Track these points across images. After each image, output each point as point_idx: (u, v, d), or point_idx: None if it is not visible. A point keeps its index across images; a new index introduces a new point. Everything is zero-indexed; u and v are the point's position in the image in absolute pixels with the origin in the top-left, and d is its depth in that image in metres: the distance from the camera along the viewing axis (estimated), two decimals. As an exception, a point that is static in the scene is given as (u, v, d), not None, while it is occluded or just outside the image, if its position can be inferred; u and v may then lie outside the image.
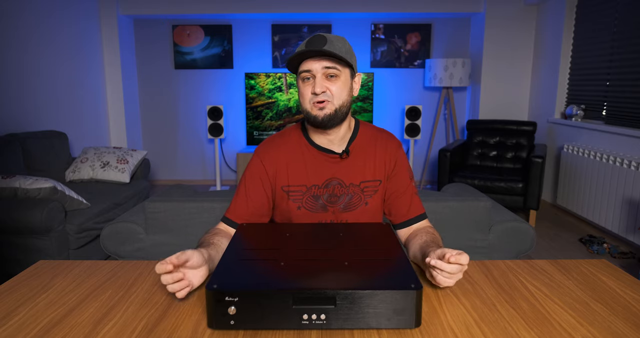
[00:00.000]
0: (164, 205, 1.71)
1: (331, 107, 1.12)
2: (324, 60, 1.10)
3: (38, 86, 3.57)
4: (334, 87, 1.12)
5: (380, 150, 1.24)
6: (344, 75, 1.14)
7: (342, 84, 1.13)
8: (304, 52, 1.09)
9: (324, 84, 1.11)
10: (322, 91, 1.11)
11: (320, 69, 1.11)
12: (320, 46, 1.09)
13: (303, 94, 1.14)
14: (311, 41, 1.11)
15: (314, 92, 1.11)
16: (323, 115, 1.12)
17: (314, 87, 1.11)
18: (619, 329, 0.79)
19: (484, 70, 4.59)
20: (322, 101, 1.11)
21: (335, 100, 1.12)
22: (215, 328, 0.77)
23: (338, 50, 1.10)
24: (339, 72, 1.12)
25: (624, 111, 3.27)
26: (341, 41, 1.13)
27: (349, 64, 1.14)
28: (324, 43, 1.09)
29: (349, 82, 1.16)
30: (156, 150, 5.18)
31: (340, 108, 1.14)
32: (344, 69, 1.14)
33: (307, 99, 1.13)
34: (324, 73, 1.11)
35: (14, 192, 2.43)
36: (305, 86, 1.13)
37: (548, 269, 1.05)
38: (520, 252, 1.74)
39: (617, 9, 3.36)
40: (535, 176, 3.40)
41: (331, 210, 1.21)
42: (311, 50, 1.08)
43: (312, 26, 4.86)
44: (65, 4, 3.93)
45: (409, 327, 0.77)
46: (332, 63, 1.11)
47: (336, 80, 1.12)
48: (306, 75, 1.12)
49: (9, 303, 0.88)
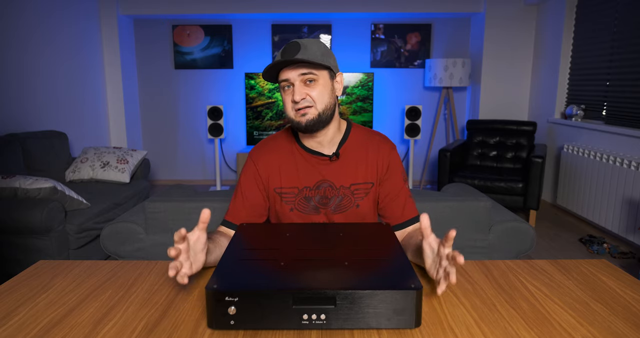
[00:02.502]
0: (164, 205, 1.71)
1: (314, 112, 1.13)
2: (300, 67, 1.11)
3: (38, 86, 3.57)
4: (314, 92, 1.12)
5: (373, 153, 1.24)
6: (322, 79, 1.13)
7: (322, 88, 1.14)
8: (278, 62, 1.09)
9: (303, 91, 1.12)
10: (301, 98, 1.11)
11: (297, 77, 1.11)
12: (293, 54, 1.09)
13: (285, 103, 1.16)
14: (285, 50, 1.11)
15: (293, 100, 1.12)
16: (306, 121, 1.13)
17: (294, 95, 1.11)
18: (619, 329, 0.79)
19: (484, 70, 4.58)
20: (303, 107, 1.12)
21: (317, 104, 1.13)
22: (215, 328, 0.77)
23: (313, 55, 1.10)
24: (316, 77, 1.12)
25: (624, 111, 3.27)
26: (316, 44, 1.13)
27: (325, 67, 1.13)
28: (297, 50, 1.10)
29: (329, 83, 1.16)
30: (156, 150, 5.18)
31: (324, 111, 1.14)
32: (321, 72, 1.13)
33: (290, 107, 1.14)
34: (302, 80, 1.12)
35: (14, 192, 2.43)
36: (287, 94, 1.14)
37: (548, 269, 1.05)
38: (520, 252, 1.74)
39: (617, 9, 3.36)
40: (535, 176, 3.40)
41: (323, 211, 1.22)
42: (284, 61, 1.09)
43: (312, 26, 4.86)
44: (65, 4, 3.93)
45: (409, 327, 0.77)
46: (307, 69, 1.11)
47: (315, 85, 1.13)
48: (285, 84, 1.14)
49: (9, 303, 0.88)
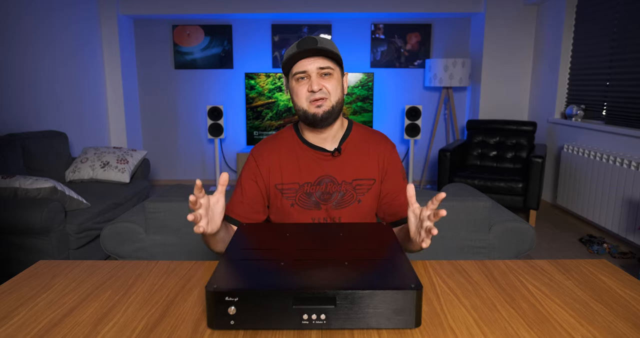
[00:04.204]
0: (164, 205, 1.71)
1: (329, 104, 1.16)
2: (318, 60, 1.14)
3: (38, 86, 3.57)
4: (330, 85, 1.16)
5: (374, 151, 1.26)
6: (336, 74, 1.18)
7: (336, 82, 1.18)
8: (301, 51, 1.12)
9: (320, 82, 1.15)
10: (319, 89, 1.14)
11: (315, 69, 1.15)
12: (313, 46, 1.13)
13: (298, 93, 1.17)
14: (303, 42, 1.14)
15: (311, 90, 1.14)
16: (322, 112, 1.16)
17: (311, 85, 1.14)
18: (619, 329, 0.79)
19: (484, 70, 4.58)
20: (319, 98, 1.15)
21: (332, 96, 1.17)
22: (215, 328, 0.77)
23: (330, 48, 1.15)
24: (332, 71, 1.16)
25: (624, 111, 3.27)
26: (329, 42, 1.18)
27: (339, 63, 1.18)
28: (315, 43, 1.13)
29: (341, 80, 1.21)
30: (156, 150, 5.18)
31: (336, 105, 1.18)
32: (336, 67, 1.18)
33: (304, 98, 1.16)
34: (319, 73, 1.15)
35: (14, 192, 2.43)
36: (301, 85, 1.17)
37: (548, 269, 1.05)
38: (520, 252, 1.74)
39: (617, 9, 3.36)
40: (535, 176, 3.40)
41: (324, 207, 1.23)
42: (308, 49, 1.12)
43: (312, 26, 4.86)
44: (65, 4, 3.93)
45: (409, 327, 0.77)
46: (325, 63, 1.15)
47: (330, 78, 1.16)
48: (301, 76, 1.16)
49: (9, 303, 0.88)
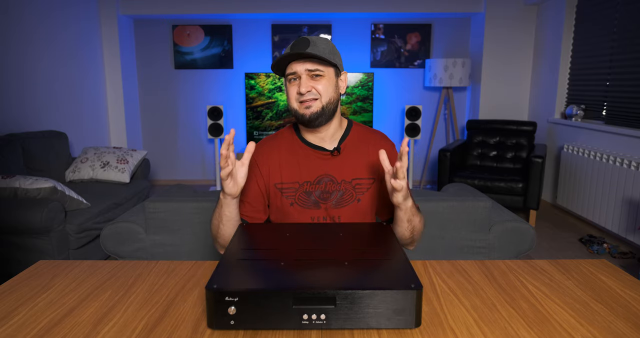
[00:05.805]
0: (164, 205, 1.71)
1: (318, 105, 1.17)
2: (307, 62, 1.16)
3: (38, 86, 3.56)
4: (320, 86, 1.17)
5: (374, 150, 1.26)
6: (328, 75, 1.19)
7: (327, 82, 1.18)
8: (288, 55, 1.14)
9: (309, 84, 1.16)
10: (307, 90, 1.16)
11: (304, 71, 1.16)
12: (303, 49, 1.14)
13: (289, 94, 1.20)
14: (295, 44, 1.16)
15: (299, 92, 1.16)
16: (310, 113, 1.17)
17: (300, 87, 1.16)
18: (619, 329, 0.79)
19: (484, 70, 4.58)
20: (308, 100, 1.16)
21: (322, 97, 1.18)
22: (215, 328, 0.77)
23: (321, 51, 1.15)
24: (322, 72, 1.17)
25: (624, 111, 3.27)
26: (325, 42, 1.18)
27: (332, 64, 1.18)
28: (307, 45, 1.15)
29: (334, 80, 1.21)
30: (156, 150, 5.17)
31: (327, 105, 1.19)
32: (328, 68, 1.18)
33: (294, 99, 1.19)
34: (308, 74, 1.16)
35: (14, 192, 2.43)
36: (292, 86, 1.19)
37: (548, 269, 1.05)
38: (520, 252, 1.74)
39: (617, 9, 3.36)
40: (535, 176, 3.40)
41: (323, 206, 1.23)
42: (293, 54, 1.13)
43: (312, 26, 4.86)
44: (65, 4, 3.93)
45: (409, 327, 0.77)
46: (314, 65, 1.16)
47: (321, 79, 1.18)
48: (292, 77, 1.18)
49: (9, 303, 0.88)
